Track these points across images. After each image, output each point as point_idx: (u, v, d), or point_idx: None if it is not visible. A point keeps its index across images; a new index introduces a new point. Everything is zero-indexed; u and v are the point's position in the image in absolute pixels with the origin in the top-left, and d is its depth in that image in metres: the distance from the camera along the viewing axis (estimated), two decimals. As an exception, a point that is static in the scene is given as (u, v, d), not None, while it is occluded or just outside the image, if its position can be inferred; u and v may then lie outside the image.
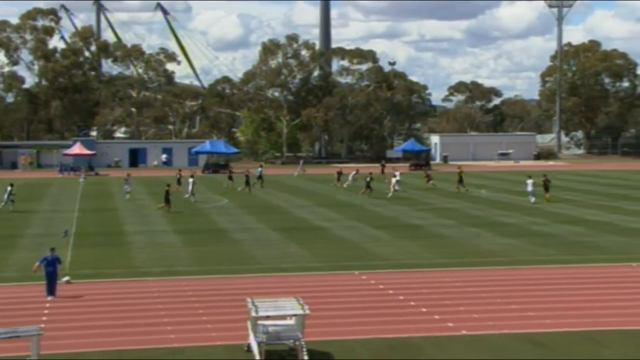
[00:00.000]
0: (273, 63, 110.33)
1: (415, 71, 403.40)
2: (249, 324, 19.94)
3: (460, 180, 60.39)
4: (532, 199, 51.64)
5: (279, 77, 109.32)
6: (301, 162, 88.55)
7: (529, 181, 52.27)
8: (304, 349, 18.94)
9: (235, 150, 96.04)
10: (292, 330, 19.43)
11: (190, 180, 55.40)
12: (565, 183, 66.17)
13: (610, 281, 27.69)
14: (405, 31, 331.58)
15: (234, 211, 49.26)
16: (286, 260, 32.27)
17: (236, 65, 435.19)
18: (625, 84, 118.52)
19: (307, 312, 19.32)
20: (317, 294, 25.56)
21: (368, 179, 57.80)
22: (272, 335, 19.27)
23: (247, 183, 61.33)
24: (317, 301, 23.75)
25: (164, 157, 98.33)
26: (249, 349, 19.65)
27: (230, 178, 64.65)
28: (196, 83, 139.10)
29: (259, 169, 68.68)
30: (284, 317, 19.68)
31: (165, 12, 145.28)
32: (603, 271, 29.51)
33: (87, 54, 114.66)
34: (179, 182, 61.23)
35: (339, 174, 66.27)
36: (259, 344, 19.03)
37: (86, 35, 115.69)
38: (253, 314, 19.20)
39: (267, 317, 19.33)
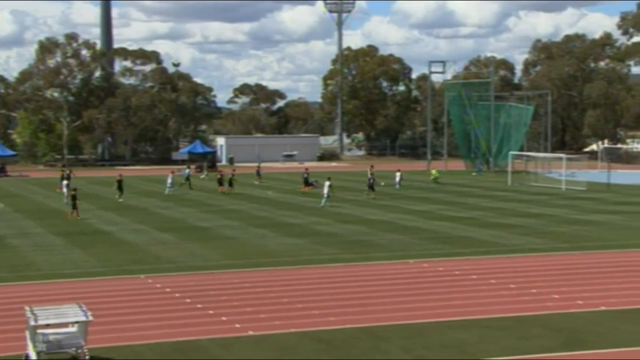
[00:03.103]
0: (51, 62, 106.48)
1: (200, 73, 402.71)
2: (27, 333, 19.10)
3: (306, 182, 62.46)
4: (324, 201, 51.74)
5: (58, 77, 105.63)
6: (205, 164, 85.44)
7: (327, 183, 52.03)
8: (87, 356, 18.43)
9: (11, 152, 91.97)
10: (74, 338, 18.83)
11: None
12: (347, 183, 68.34)
13: (389, 277, 28.82)
14: (189, 32, 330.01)
15: (11, 216, 47.07)
16: (69, 266, 31.19)
17: (11, 64, 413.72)
18: (401, 87, 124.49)
19: (90, 318, 18.78)
20: (101, 300, 24.89)
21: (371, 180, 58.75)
22: (53, 343, 18.58)
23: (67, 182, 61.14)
24: (101, 307, 23.17)
25: None
26: (27, 359, 18.84)
27: None
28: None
29: (187, 170, 67.04)
30: (65, 325, 19.02)
31: None
32: (382, 268, 30.68)
33: None
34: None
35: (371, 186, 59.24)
36: (39, 353, 18.29)
37: None
38: (32, 322, 18.41)
39: (48, 326, 18.61)
